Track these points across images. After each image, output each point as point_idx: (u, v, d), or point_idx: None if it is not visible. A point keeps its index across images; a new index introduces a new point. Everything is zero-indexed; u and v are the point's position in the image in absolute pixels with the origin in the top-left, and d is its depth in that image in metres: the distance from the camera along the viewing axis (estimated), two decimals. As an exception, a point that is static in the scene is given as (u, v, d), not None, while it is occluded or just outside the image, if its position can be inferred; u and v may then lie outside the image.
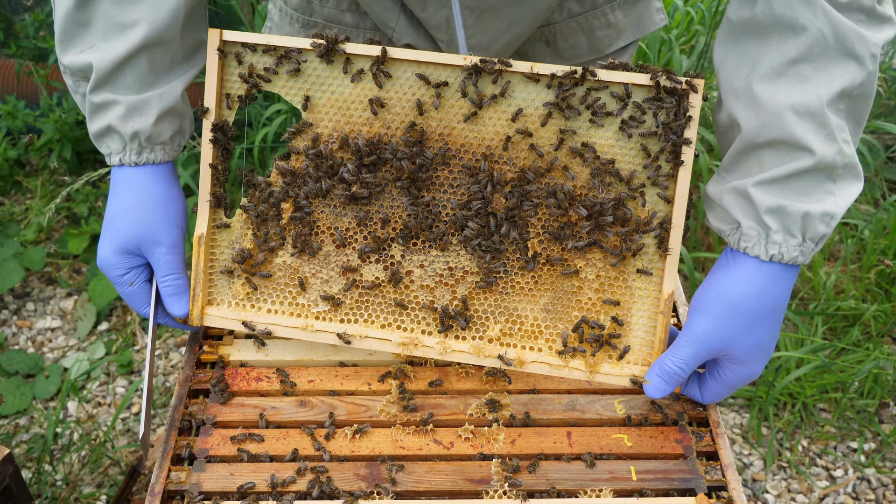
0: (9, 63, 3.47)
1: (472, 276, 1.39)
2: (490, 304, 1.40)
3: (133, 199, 1.38)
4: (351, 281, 1.40)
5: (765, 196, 1.22)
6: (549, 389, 1.42)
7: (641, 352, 1.38)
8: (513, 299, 1.39)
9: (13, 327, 2.98)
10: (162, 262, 1.39)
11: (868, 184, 3.33)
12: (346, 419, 1.37)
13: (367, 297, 1.41)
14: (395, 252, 1.40)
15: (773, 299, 1.26)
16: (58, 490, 2.39)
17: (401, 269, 1.40)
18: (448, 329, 1.40)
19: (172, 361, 2.85)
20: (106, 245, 1.38)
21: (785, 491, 2.51)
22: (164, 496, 1.27)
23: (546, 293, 1.38)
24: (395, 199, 1.39)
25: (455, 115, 1.35)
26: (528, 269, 1.37)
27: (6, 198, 3.42)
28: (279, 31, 1.73)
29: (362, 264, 1.41)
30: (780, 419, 2.66)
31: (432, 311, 1.40)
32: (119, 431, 2.61)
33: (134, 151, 1.36)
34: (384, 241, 1.40)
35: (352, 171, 1.36)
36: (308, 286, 1.42)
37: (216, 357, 1.47)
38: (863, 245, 3.00)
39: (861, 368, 2.56)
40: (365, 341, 1.40)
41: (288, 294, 1.42)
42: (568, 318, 1.39)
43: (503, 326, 1.39)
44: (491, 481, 1.28)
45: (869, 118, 3.36)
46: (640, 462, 1.31)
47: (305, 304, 1.41)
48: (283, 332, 1.42)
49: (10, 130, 3.35)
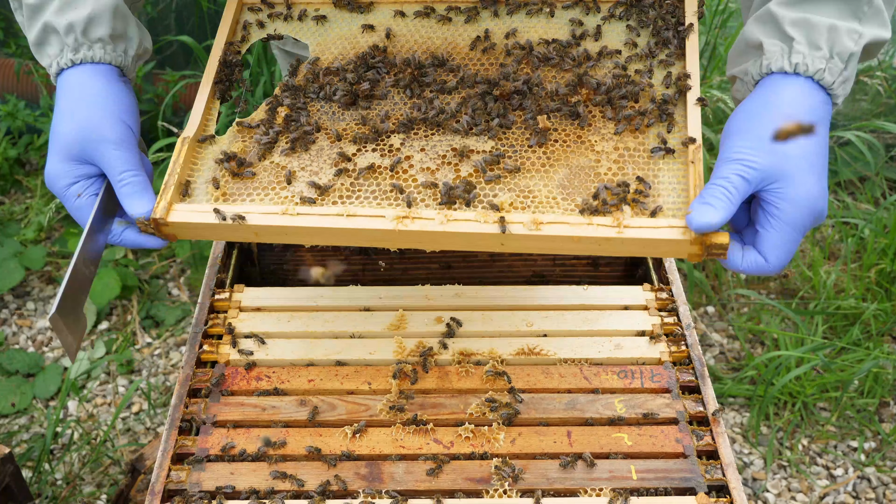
0: (9, 62, 3.46)
1: (478, 155, 1.26)
2: (499, 180, 1.25)
3: (72, 99, 1.26)
4: (342, 167, 1.27)
5: (788, 11, 1.14)
6: (549, 389, 1.42)
7: (675, 207, 1.18)
8: (524, 177, 1.24)
9: (13, 326, 2.98)
10: (112, 158, 1.22)
11: (868, 183, 3.33)
12: (346, 418, 1.37)
13: (360, 182, 1.26)
14: (394, 141, 1.30)
15: (810, 114, 1.10)
16: (58, 489, 2.39)
17: (400, 155, 1.28)
18: (451, 203, 1.22)
19: (172, 361, 2.85)
20: (51, 156, 1.25)
21: (785, 490, 2.51)
22: (165, 495, 1.27)
23: (561, 169, 1.24)
24: (397, 103, 1.34)
25: (461, 36, 1.38)
26: (539, 143, 1.26)
27: (6, 197, 3.42)
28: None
29: (357, 152, 1.29)
30: (780, 418, 2.66)
31: (433, 187, 1.24)
32: (119, 431, 2.61)
33: (70, 49, 1.27)
34: (383, 132, 1.31)
35: (353, 77, 1.35)
36: (295, 179, 1.27)
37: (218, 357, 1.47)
38: (863, 244, 3.00)
39: (861, 367, 2.55)
40: (355, 220, 1.21)
41: (271, 190, 1.27)
42: (587, 191, 1.22)
43: (514, 199, 1.22)
44: (491, 480, 1.28)
45: (869, 117, 3.36)
46: (641, 461, 1.31)
47: (290, 195, 1.26)
48: (259, 218, 1.22)
49: (9, 130, 3.35)
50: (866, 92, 3.46)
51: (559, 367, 1.45)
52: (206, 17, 3.25)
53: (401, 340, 1.49)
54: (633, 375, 1.44)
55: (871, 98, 3.46)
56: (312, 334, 1.51)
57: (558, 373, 1.44)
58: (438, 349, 1.47)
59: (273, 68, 3.15)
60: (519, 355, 1.47)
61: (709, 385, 1.41)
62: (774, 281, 3.06)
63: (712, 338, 2.92)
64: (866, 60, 1.20)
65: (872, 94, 3.43)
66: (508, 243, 1.20)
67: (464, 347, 1.47)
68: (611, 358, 1.47)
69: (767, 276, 3.05)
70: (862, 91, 3.47)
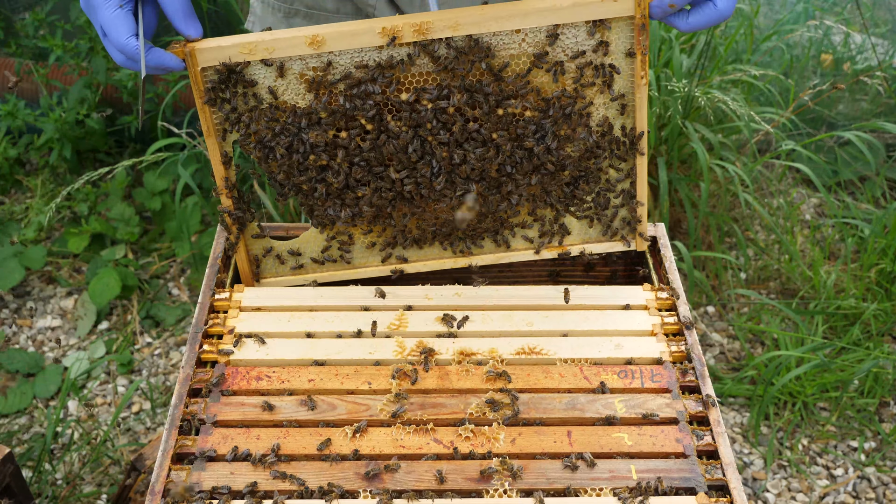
0: (9, 62, 3.46)
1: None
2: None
3: None
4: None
5: None
6: (550, 388, 1.42)
7: None
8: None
9: (13, 326, 2.98)
10: None
11: (868, 183, 3.33)
12: (346, 418, 1.37)
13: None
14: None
15: None
16: (58, 489, 2.39)
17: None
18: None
19: (172, 360, 2.85)
20: None
21: (785, 490, 2.51)
22: (165, 495, 1.27)
23: None
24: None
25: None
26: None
27: (6, 197, 3.42)
28: (261, 23, 1.74)
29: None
30: (780, 418, 2.66)
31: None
32: (119, 430, 2.61)
33: None
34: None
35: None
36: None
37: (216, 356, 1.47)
38: (863, 244, 3.00)
39: (861, 367, 2.55)
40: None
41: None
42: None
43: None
44: (491, 480, 1.28)
45: (869, 117, 3.36)
46: (641, 461, 1.31)
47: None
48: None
49: (9, 129, 3.35)
50: (866, 92, 3.46)
51: (559, 367, 1.45)
52: (206, 18, 3.24)
53: (401, 340, 1.49)
54: (634, 375, 1.44)
55: (871, 98, 3.46)
56: (313, 334, 1.51)
57: (558, 372, 1.44)
58: (440, 348, 1.47)
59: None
60: (519, 355, 1.47)
61: (709, 385, 1.42)
62: (775, 281, 3.06)
63: (712, 338, 2.92)
64: None
65: (872, 94, 3.43)
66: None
67: (464, 347, 1.47)
68: (611, 358, 1.47)
69: (767, 275, 3.05)
70: (862, 91, 3.47)
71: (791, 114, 3.03)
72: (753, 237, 3.17)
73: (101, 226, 3.10)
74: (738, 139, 3.19)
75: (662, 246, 1.66)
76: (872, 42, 3.45)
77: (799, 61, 3.50)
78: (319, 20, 1.64)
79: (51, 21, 3.24)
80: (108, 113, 3.22)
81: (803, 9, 3.59)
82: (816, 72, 3.55)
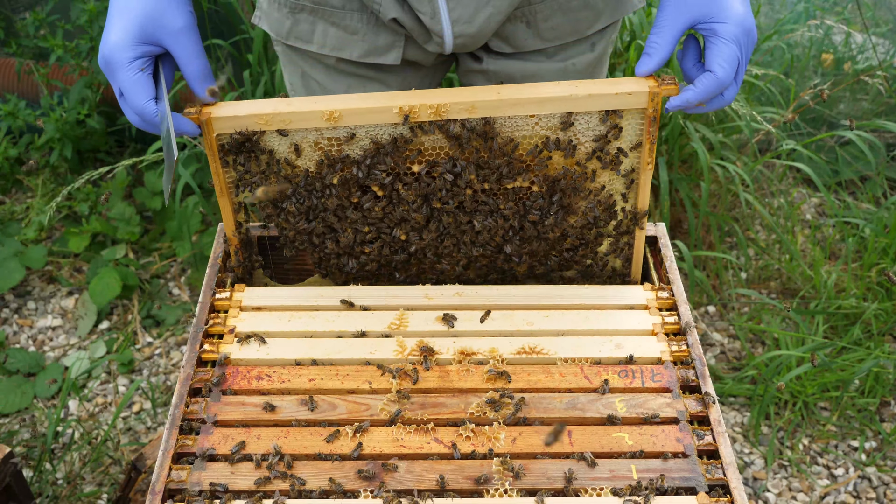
0: (9, 62, 3.46)
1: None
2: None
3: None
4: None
5: None
6: (550, 388, 1.42)
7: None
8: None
9: (14, 326, 2.98)
10: (183, 43, 1.35)
11: (869, 182, 3.33)
12: (346, 418, 1.37)
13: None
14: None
15: None
16: (59, 489, 2.39)
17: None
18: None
19: (173, 360, 2.85)
20: (116, 30, 1.33)
21: (786, 489, 2.51)
22: (165, 495, 1.27)
23: None
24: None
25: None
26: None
27: (7, 197, 3.42)
28: (268, 19, 1.74)
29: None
30: (780, 418, 2.66)
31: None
32: (120, 430, 2.61)
33: None
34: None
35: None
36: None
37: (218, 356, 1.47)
38: (864, 244, 3.00)
39: (862, 367, 2.55)
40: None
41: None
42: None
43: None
44: (492, 480, 1.28)
45: (870, 117, 3.36)
46: (641, 461, 1.31)
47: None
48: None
49: (10, 129, 3.35)
50: (867, 91, 3.46)
51: (560, 367, 1.45)
52: (206, 17, 3.24)
53: (401, 340, 1.49)
54: (634, 375, 1.44)
55: (872, 98, 3.46)
56: (313, 334, 1.51)
57: (559, 372, 1.44)
58: (441, 347, 1.47)
59: (273, 68, 3.15)
60: (520, 354, 1.47)
61: (709, 384, 1.41)
62: (775, 280, 3.06)
63: (713, 337, 2.92)
64: None
65: (873, 93, 3.43)
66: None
67: (464, 346, 1.47)
68: (611, 357, 1.47)
69: (768, 275, 3.05)
70: (863, 91, 3.47)
71: (792, 113, 3.02)
72: (754, 237, 3.17)
73: (101, 225, 3.10)
74: (738, 139, 3.18)
75: (663, 245, 1.66)
76: (873, 42, 3.45)
77: (800, 61, 3.50)
78: (325, 16, 1.65)
79: (51, 21, 3.23)
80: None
81: (804, 8, 3.58)
82: (817, 71, 3.55)
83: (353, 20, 1.64)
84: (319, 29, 1.67)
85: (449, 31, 1.59)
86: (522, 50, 1.69)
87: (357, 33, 1.65)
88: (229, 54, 3.36)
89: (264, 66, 3.18)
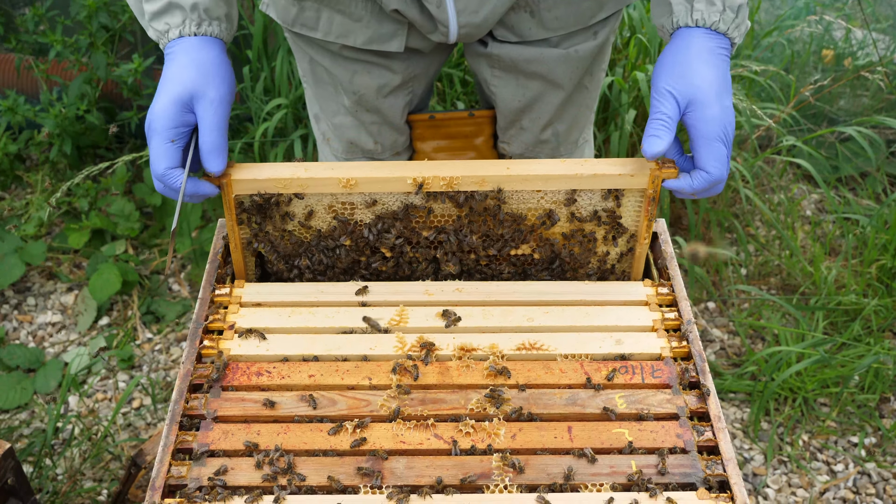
0: (9, 57, 3.46)
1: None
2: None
3: (192, 58, 1.43)
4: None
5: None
6: (550, 384, 1.42)
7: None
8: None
9: (14, 322, 2.98)
10: (210, 114, 1.40)
11: (869, 178, 3.33)
12: (346, 414, 1.37)
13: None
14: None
15: (712, 59, 1.42)
16: (59, 484, 2.39)
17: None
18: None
19: (173, 356, 2.85)
20: (162, 98, 1.40)
21: (785, 485, 2.51)
22: (165, 490, 1.27)
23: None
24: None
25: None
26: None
27: (6, 192, 3.42)
28: (275, 6, 1.76)
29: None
30: (780, 414, 2.67)
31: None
32: (120, 426, 2.62)
33: (194, 23, 1.45)
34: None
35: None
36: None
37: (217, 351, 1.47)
38: (864, 240, 3.00)
39: (862, 363, 2.55)
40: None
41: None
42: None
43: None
44: (492, 475, 1.28)
45: (870, 113, 3.36)
46: (641, 457, 1.31)
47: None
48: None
49: (10, 125, 3.35)
50: (867, 87, 3.45)
51: (560, 363, 1.45)
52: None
53: (401, 336, 1.49)
54: (634, 371, 1.44)
55: (872, 94, 3.45)
56: (313, 329, 1.51)
57: (559, 368, 1.44)
58: (441, 343, 1.47)
59: (273, 64, 3.15)
60: (520, 350, 1.47)
61: (709, 380, 1.41)
62: (775, 276, 3.06)
63: (713, 333, 2.92)
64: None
65: (874, 89, 3.43)
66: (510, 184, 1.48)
67: (464, 342, 1.47)
68: (612, 353, 1.47)
69: (768, 271, 3.05)
70: (863, 86, 3.46)
71: (792, 109, 3.02)
72: (754, 233, 3.17)
73: (101, 221, 3.10)
74: (738, 135, 3.18)
75: (663, 241, 1.66)
76: (873, 37, 3.44)
77: (800, 57, 3.49)
78: (329, 4, 1.67)
79: (51, 16, 3.23)
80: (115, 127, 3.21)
81: (804, 4, 3.58)
82: (818, 67, 3.54)
83: (357, 8, 1.66)
84: (324, 16, 1.69)
85: (454, 21, 1.61)
86: (526, 39, 1.71)
87: (361, 20, 1.67)
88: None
89: (264, 62, 3.17)
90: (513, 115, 1.87)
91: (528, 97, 1.82)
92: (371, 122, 1.89)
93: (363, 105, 1.85)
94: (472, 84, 3.19)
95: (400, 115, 1.89)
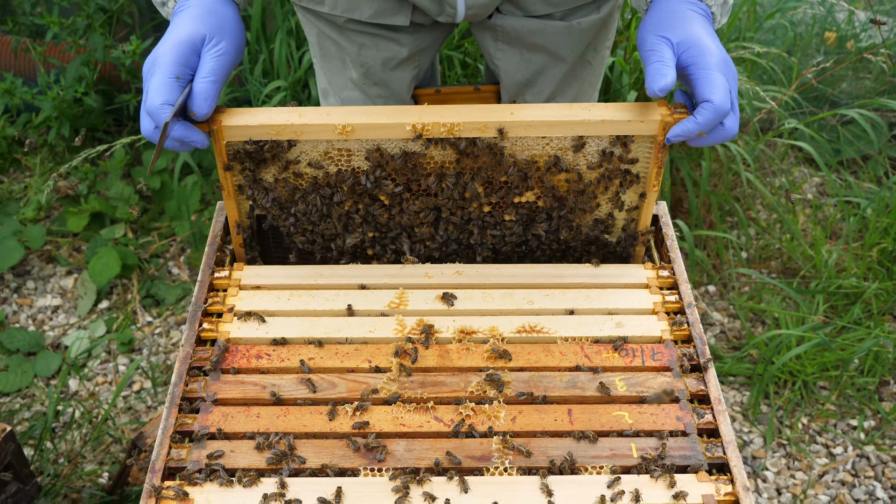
0: (6, 40, 3.44)
1: None
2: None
3: (207, 9, 1.41)
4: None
5: None
6: (550, 367, 1.42)
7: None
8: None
9: (13, 305, 2.98)
10: (213, 61, 1.37)
11: (871, 161, 3.31)
12: (346, 396, 1.37)
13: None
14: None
15: (697, 18, 1.40)
16: (59, 467, 2.40)
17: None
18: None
19: (173, 339, 2.85)
20: (171, 38, 1.37)
21: (785, 468, 2.52)
22: (165, 473, 1.27)
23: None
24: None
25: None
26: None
27: (5, 176, 3.41)
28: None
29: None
30: (780, 397, 2.67)
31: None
32: (120, 409, 2.62)
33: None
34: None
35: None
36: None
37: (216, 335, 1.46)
38: (865, 223, 2.99)
39: (862, 346, 2.55)
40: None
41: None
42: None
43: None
44: (492, 458, 1.28)
45: (872, 95, 3.34)
46: (641, 439, 1.31)
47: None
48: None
49: (7, 108, 3.33)
50: (870, 70, 3.43)
51: (560, 346, 1.45)
52: None
53: (401, 318, 1.48)
54: (635, 354, 1.43)
55: (875, 76, 3.44)
56: (312, 312, 1.51)
57: (559, 351, 1.44)
58: (441, 326, 1.47)
59: (272, 46, 3.13)
60: (520, 333, 1.46)
61: (710, 363, 1.41)
62: (776, 260, 3.05)
63: (713, 317, 2.92)
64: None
65: (876, 72, 3.41)
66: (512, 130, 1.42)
67: (464, 325, 1.47)
68: (612, 336, 1.46)
69: (769, 254, 3.04)
70: (865, 69, 3.44)
71: (794, 92, 3.01)
72: (755, 216, 3.16)
73: (100, 205, 3.09)
74: (740, 117, 3.17)
75: (664, 224, 1.65)
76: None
77: (802, 39, 3.47)
78: None
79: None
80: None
81: (807, -15, 3.55)
82: (820, 50, 3.52)
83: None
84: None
85: (462, 2, 1.62)
86: (531, 14, 1.71)
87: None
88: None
89: (262, 44, 3.15)
90: (516, 89, 1.88)
91: (531, 70, 1.83)
92: (378, 96, 1.89)
93: (370, 78, 1.85)
94: (472, 66, 3.17)
95: (407, 88, 1.89)
